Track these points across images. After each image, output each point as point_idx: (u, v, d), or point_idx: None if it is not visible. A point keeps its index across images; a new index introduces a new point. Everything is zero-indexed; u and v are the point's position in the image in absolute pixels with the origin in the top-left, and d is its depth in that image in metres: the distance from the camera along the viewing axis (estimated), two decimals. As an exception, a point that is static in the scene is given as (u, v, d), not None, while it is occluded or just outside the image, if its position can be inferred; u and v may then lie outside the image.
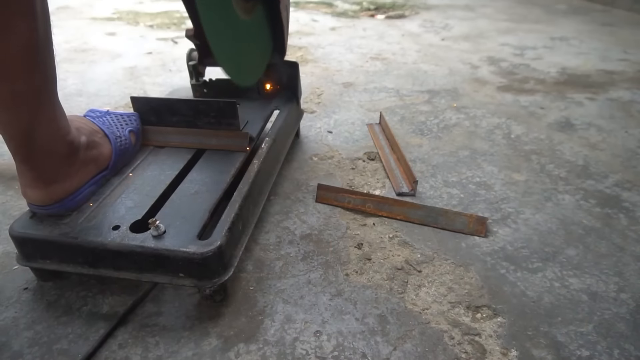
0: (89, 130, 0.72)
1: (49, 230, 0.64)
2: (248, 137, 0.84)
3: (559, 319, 0.65)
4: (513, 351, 0.60)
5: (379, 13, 2.61)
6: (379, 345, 0.61)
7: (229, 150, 0.84)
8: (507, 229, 0.83)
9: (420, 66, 1.72)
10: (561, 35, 2.13)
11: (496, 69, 1.70)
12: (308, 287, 0.70)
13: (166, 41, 2.03)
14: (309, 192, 0.94)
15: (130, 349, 0.61)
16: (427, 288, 0.71)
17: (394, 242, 0.80)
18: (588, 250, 0.78)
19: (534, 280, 0.72)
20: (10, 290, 0.70)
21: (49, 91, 0.60)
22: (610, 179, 0.99)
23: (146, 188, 0.73)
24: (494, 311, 0.67)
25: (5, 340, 0.61)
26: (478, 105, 1.38)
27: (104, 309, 0.66)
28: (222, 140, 0.85)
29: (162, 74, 1.63)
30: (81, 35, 2.13)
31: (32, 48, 0.55)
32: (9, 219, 0.84)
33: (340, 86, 1.52)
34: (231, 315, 0.66)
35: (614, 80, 1.58)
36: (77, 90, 1.47)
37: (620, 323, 0.64)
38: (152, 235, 0.62)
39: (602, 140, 1.16)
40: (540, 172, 1.02)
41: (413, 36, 2.14)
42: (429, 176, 1.00)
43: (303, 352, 0.60)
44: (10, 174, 0.99)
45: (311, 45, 1.98)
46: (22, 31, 0.53)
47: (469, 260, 0.76)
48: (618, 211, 0.88)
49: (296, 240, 0.80)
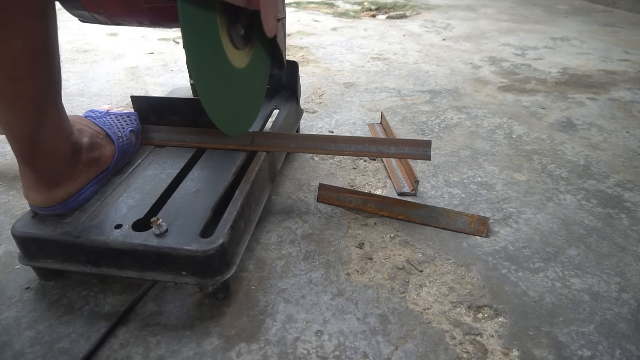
0: (90, 131, 0.72)
1: (51, 230, 0.64)
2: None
3: (560, 319, 0.65)
4: (514, 351, 0.60)
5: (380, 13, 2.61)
6: (380, 345, 0.61)
7: (230, 149, 0.84)
8: (509, 229, 0.83)
9: (422, 66, 1.72)
10: (562, 35, 2.13)
11: (497, 69, 1.70)
12: (309, 287, 0.70)
13: (167, 41, 2.03)
14: (311, 191, 0.94)
15: (132, 348, 0.61)
16: (429, 288, 0.71)
17: (395, 242, 0.80)
18: (589, 251, 0.78)
19: (535, 280, 0.72)
20: (12, 290, 0.70)
21: (54, 92, 0.60)
22: (611, 179, 0.99)
23: (147, 187, 0.73)
24: (495, 311, 0.66)
25: (7, 340, 0.62)
26: (479, 105, 1.37)
27: (105, 308, 0.66)
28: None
29: (163, 74, 1.63)
30: (83, 35, 2.14)
31: (38, 48, 0.55)
32: (11, 219, 0.84)
33: (342, 86, 1.52)
34: (232, 314, 0.66)
35: (615, 80, 1.58)
36: (79, 90, 1.47)
37: (622, 323, 0.64)
38: (154, 234, 0.62)
39: (603, 140, 1.16)
40: (542, 172, 1.02)
41: (414, 36, 2.14)
42: (430, 176, 1.00)
43: (304, 351, 0.60)
44: (13, 173, 0.99)
45: (312, 46, 1.98)
46: (28, 31, 0.53)
47: (470, 260, 0.76)
48: (619, 211, 0.88)
49: (297, 239, 0.80)
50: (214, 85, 0.69)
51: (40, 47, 0.55)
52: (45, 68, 0.57)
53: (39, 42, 0.54)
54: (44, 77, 0.58)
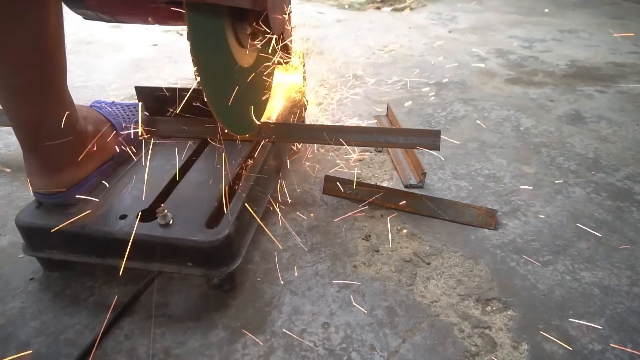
0: (95, 119, 0.72)
1: (56, 220, 0.63)
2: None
3: (570, 312, 0.64)
4: (524, 344, 0.60)
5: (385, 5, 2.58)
6: (387, 338, 0.60)
7: (236, 139, 0.83)
8: (517, 222, 0.82)
9: (428, 58, 1.70)
10: (570, 27, 2.10)
11: (504, 61, 1.68)
12: (315, 279, 0.70)
13: (171, 33, 2.02)
14: (316, 183, 0.93)
15: (137, 339, 0.60)
16: (436, 280, 0.70)
17: (402, 234, 0.79)
18: (600, 244, 0.77)
19: (544, 273, 0.71)
20: (17, 281, 0.69)
21: (59, 80, 0.60)
22: (621, 172, 0.97)
23: (152, 177, 0.72)
24: (504, 304, 0.66)
25: (12, 330, 0.61)
26: (486, 97, 1.36)
27: (110, 299, 0.66)
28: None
29: (168, 65, 1.62)
30: (86, 27, 2.12)
31: (43, 37, 0.54)
32: (15, 209, 0.84)
33: (347, 78, 1.50)
34: (238, 306, 0.65)
35: (624, 72, 1.55)
36: (82, 82, 1.47)
37: (633, 317, 0.63)
38: (159, 224, 0.61)
39: (612, 133, 1.15)
40: (550, 165, 1.00)
41: (420, 28, 2.12)
42: (437, 168, 0.98)
43: (311, 344, 0.60)
44: (17, 164, 0.98)
45: (317, 38, 1.96)
46: (34, 19, 0.52)
47: (478, 252, 0.75)
48: (630, 204, 0.87)
49: (303, 231, 0.79)
50: (221, 87, 0.69)
51: (45, 35, 0.54)
52: (50, 56, 0.57)
53: (44, 31, 0.54)
54: (49, 64, 0.57)
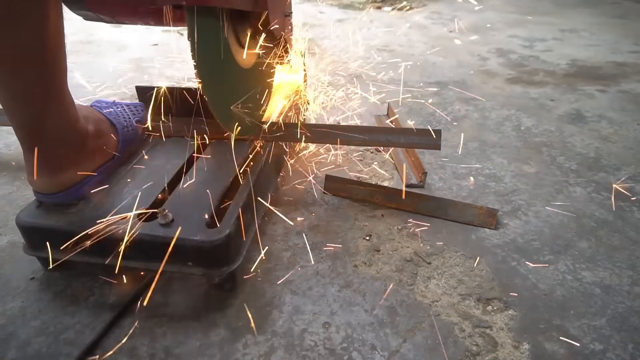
0: (95, 119, 0.72)
1: (56, 219, 0.63)
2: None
3: (571, 312, 0.64)
4: (525, 344, 0.59)
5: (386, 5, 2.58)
6: (388, 337, 0.60)
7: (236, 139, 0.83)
8: (518, 221, 0.82)
9: (428, 58, 1.70)
10: (571, 27, 2.10)
11: (505, 60, 1.68)
12: (316, 279, 0.70)
13: (172, 33, 2.02)
14: (317, 183, 0.92)
15: (137, 339, 0.60)
16: (437, 280, 0.70)
17: (403, 234, 0.79)
18: (601, 244, 0.77)
19: (545, 273, 0.71)
20: (17, 280, 0.69)
21: (59, 80, 0.60)
22: (622, 172, 0.97)
23: (153, 177, 0.72)
24: (505, 304, 0.66)
25: (12, 330, 0.61)
26: (487, 97, 1.36)
27: (110, 299, 0.66)
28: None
29: (168, 65, 1.62)
30: (87, 27, 2.12)
31: (44, 37, 0.54)
32: (15, 209, 0.84)
33: (347, 77, 1.50)
34: (239, 306, 0.65)
35: (625, 72, 1.55)
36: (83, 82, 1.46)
37: (634, 317, 0.63)
38: (160, 224, 0.61)
39: (613, 132, 1.15)
40: (551, 165, 1.00)
41: (420, 28, 2.12)
42: (438, 168, 0.98)
43: (312, 343, 0.59)
44: (17, 164, 0.98)
45: (317, 37, 1.96)
46: (34, 20, 0.52)
47: (479, 252, 0.75)
48: (631, 204, 0.87)
49: (304, 231, 0.79)
50: (221, 87, 0.69)
51: (45, 35, 0.54)
52: (50, 56, 0.56)
53: (44, 30, 0.54)
54: (49, 64, 0.57)
